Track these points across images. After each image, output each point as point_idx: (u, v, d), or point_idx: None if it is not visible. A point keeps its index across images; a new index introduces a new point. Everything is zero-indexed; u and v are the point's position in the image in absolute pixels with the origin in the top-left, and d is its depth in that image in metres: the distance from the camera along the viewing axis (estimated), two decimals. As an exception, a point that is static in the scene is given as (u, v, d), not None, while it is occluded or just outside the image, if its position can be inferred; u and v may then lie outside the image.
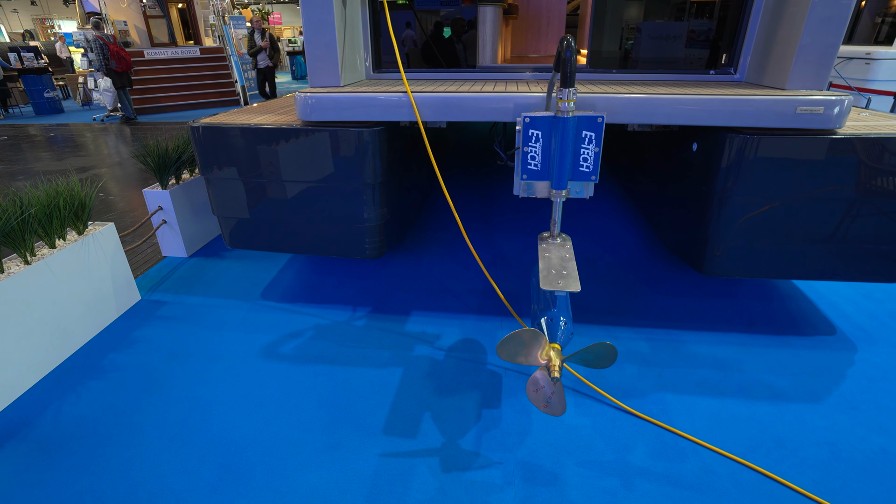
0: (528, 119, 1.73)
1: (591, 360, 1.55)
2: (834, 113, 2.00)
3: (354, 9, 2.61)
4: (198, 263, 3.45)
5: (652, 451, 1.84)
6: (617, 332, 2.57)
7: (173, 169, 3.38)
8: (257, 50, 9.26)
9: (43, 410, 2.10)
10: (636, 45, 2.79)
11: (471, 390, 2.17)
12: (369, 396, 2.14)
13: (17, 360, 2.18)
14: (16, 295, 2.17)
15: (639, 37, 2.77)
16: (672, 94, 2.07)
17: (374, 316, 2.76)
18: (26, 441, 1.94)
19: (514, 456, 1.82)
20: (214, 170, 2.55)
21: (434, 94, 2.17)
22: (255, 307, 2.88)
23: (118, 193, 5.15)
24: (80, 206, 2.57)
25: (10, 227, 2.19)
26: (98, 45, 8.68)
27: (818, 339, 2.51)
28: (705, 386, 2.18)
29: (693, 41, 2.75)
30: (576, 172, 1.81)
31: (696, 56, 2.68)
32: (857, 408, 2.06)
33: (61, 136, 8.51)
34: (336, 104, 2.28)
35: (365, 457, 1.83)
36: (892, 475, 1.74)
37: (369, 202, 2.49)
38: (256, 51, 9.30)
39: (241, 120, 2.51)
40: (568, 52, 1.59)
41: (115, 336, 2.62)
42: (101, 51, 8.71)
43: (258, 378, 2.27)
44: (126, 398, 2.16)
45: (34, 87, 11.02)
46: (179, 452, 1.87)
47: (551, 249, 1.86)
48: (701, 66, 2.67)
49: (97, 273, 2.64)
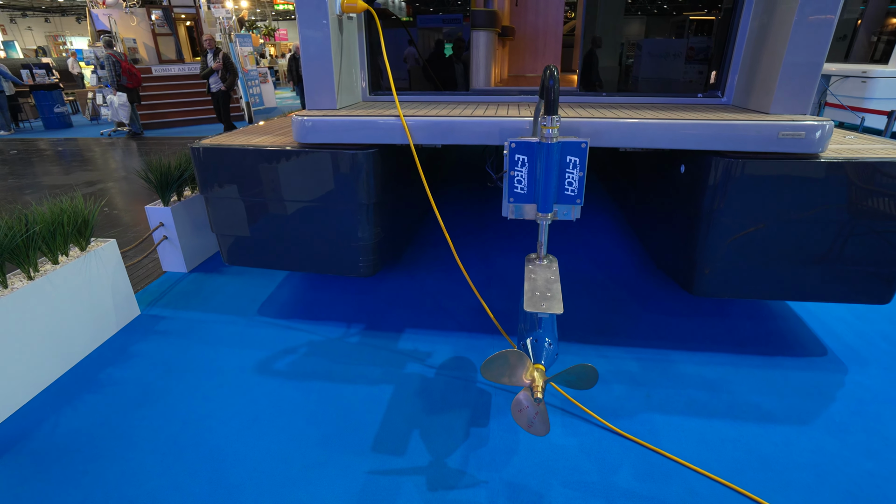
0: (513, 144, 1.79)
1: (574, 381, 1.58)
2: (816, 137, 2.05)
3: (351, 33, 2.70)
4: (197, 279, 3.51)
5: (637, 473, 1.85)
6: (606, 350, 2.59)
7: (175, 186, 3.46)
8: (208, 72, 8.29)
9: (40, 423, 2.13)
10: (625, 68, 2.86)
11: (460, 408, 2.19)
12: (360, 413, 2.17)
13: (17, 374, 2.23)
14: (18, 310, 2.22)
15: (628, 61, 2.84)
16: (656, 119, 2.13)
17: (367, 333, 2.80)
18: (23, 454, 1.97)
19: (500, 475, 1.84)
20: (213, 189, 2.62)
21: (425, 118, 2.24)
22: (252, 323, 2.92)
23: (123, 208, 5.24)
24: (83, 223, 2.64)
25: (15, 244, 2.25)
26: (110, 63, 8.92)
27: (808, 360, 2.52)
28: (693, 407, 2.20)
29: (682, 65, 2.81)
30: (561, 196, 1.86)
31: (686, 79, 2.74)
32: (845, 430, 2.07)
33: (69, 151, 8.67)
34: (331, 127, 2.35)
35: (353, 474, 1.85)
36: (878, 499, 1.75)
37: (363, 222, 2.54)
38: (207, 73, 8.33)
39: (239, 141, 2.58)
40: (551, 80, 1.65)
41: (113, 350, 2.66)
42: (113, 68, 8.95)
43: (252, 394, 2.31)
44: (122, 412, 2.20)
45: (44, 103, 11.26)
46: (172, 467, 1.90)
47: (537, 271, 1.90)
48: (690, 89, 2.73)
49: (98, 288, 2.70)
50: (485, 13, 3.07)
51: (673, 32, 2.83)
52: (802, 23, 2.11)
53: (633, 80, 2.78)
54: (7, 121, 10.81)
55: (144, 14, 11.97)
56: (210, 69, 8.22)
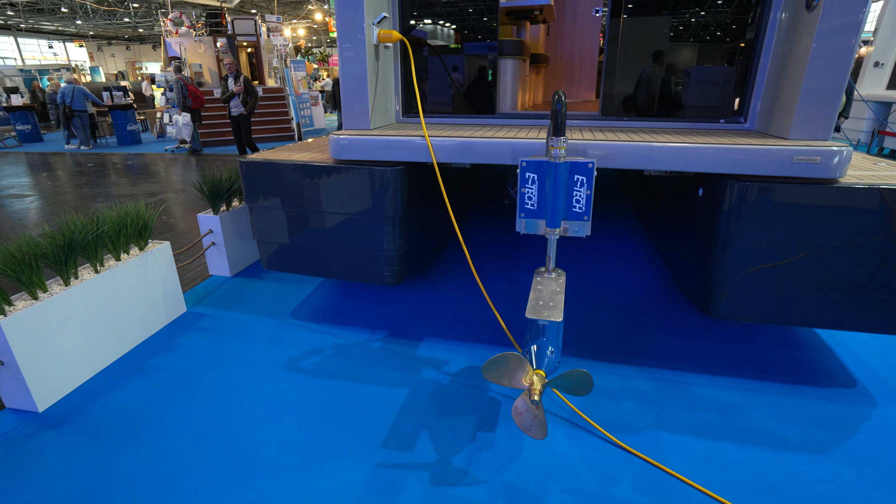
0: (524, 163, 1.92)
1: (570, 386, 1.65)
2: (833, 163, 2.06)
3: (388, 60, 2.94)
4: (239, 283, 3.79)
5: (638, 486, 1.87)
6: (620, 369, 2.61)
7: (224, 197, 3.79)
8: (229, 96, 7.94)
9: (95, 400, 2.40)
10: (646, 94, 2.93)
11: (470, 414, 2.28)
12: (375, 412, 2.30)
13: (80, 355, 2.52)
14: (85, 298, 2.52)
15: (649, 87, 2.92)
16: (666, 142, 2.20)
17: (389, 339, 2.95)
18: (79, 424, 2.22)
19: (501, 477, 1.91)
20: (256, 199, 2.88)
21: (447, 139, 2.41)
22: (284, 324, 3.14)
23: (179, 217, 5.71)
24: (143, 226, 2.96)
25: (87, 241, 2.57)
26: (179, 86, 9.80)
27: (834, 391, 2.45)
28: (704, 428, 2.19)
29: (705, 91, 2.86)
30: (569, 213, 1.96)
31: (706, 104, 2.79)
32: (865, 463, 2.00)
33: (137, 164, 9.50)
34: (363, 145, 2.56)
35: (362, 466, 1.97)
36: (892, 533, 1.69)
37: (389, 233, 2.72)
38: (228, 97, 7.97)
39: (281, 157, 2.84)
40: (558, 105, 1.78)
41: (160, 342, 2.94)
42: (181, 90, 9.83)
43: (278, 388, 2.49)
44: (162, 396, 2.43)
45: (119, 121, 12.42)
46: (202, 445, 2.09)
47: (544, 283, 1.99)
48: (711, 114, 2.78)
49: (152, 285, 3.00)
50: (512, 43, 3.26)
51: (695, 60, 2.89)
52: (821, 48, 2.14)
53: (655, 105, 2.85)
54: (87, 137, 11.97)
55: (211, 42, 13.05)
56: (231, 93, 7.92)
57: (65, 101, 11.37)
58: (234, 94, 7.93)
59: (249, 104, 7.91)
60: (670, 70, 2.80)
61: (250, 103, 7.91)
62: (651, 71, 2.83)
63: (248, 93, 7.87)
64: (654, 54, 2.77)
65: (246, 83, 7.85)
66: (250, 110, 7.99)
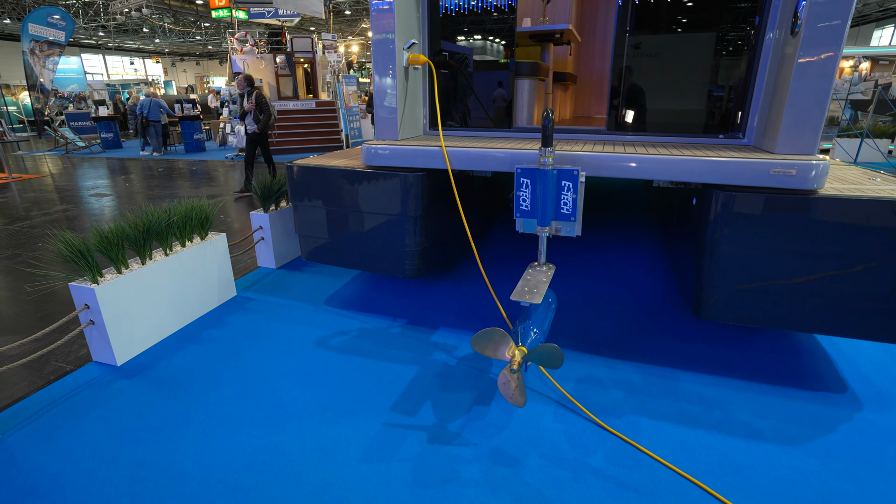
0: (519, 170, 2.23)
1: (545, 358, 1.93)
2: (810, 175, 2.23)
3: (416, 80, 3.34)
4: (282, 274, 4.28)
5: (609, 458, 2.11)
6: (615, 363, 2.83)
7: (273, 197, 4.30)
8: (243, 114, 7.60)
9: (160, 360, 2.89)
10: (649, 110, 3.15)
11: (469, 390, 2.58)
12: (387, 383, 2.65)
13: (150, 324, 3.03)
14: (156, 276, 3.04)
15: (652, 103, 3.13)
16: (654, 154, 2.44)
17: (407, 326, 3.30)
18: (148, 377, 2.71)
19: (489, 442, 2.19)
20: (299, 198, 3.34)
21: (459, 149, 2.75)
22: (318, 310, 3.56)
23: (234, 217, 6.37)
24: (205, 219, 3.49)
25: (160, 228, 3.10)
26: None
27: (822, 395, 2.56)
28: (682, 417, 2.38)
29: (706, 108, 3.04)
30: (558, 214, 2.24)
31: (706, 121, 2.98)
32: (833, 457, 2.13)
33: (200, 170, 10.46)
34: (390, 154, 2.95)
35: (370, 423, 2.32)
36: (844, 516, 1.83)
37: (411, 231, 3.08)
38: (242, 114, 7.65)
39: (321, 162, 3.29)
40: (546, 120, 2.08)
41: (213, 318, 3.43)
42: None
43: (308, 359, 2.89)
44: (214, 360, 2.89)
45: (187, 130, 13.66)
46: (244, 400, 2.51)
47: (533, 274, 2.28)
48: (711, 130, 2.97)
49: (210, 270, 3.50)
50: (527, 64, 3.57)
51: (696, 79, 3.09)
52: (803, 70, 2.31)
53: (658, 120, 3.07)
54: (160, 144, 13.25)
55: (271, 58, 14.13)
56: (244, 110, 7.53)
57: (143, 112, 12.68)
58: (247, 112, 7.42)
59: (262, 121, 7.33)
60: (672, 87, 3.02)
61: (262, 120, 7.33)
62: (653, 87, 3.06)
63: (259, 109, 7.33)
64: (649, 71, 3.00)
65: (258, 99, 7.31)
66: (262, 127, 7.36)
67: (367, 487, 1.96)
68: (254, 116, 7.33)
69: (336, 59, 14.80)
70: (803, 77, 2.32)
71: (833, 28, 2.23)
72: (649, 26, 2.95)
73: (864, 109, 11.91)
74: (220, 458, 2.12)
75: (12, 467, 2.09)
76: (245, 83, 7.38)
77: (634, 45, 2.99)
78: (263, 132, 7.51)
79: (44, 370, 2.81)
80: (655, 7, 2.90)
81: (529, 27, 3.93)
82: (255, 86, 7.47)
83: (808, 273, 2.35)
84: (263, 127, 7.40)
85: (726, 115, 2.92)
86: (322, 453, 2.14)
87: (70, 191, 8.44)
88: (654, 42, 2.98)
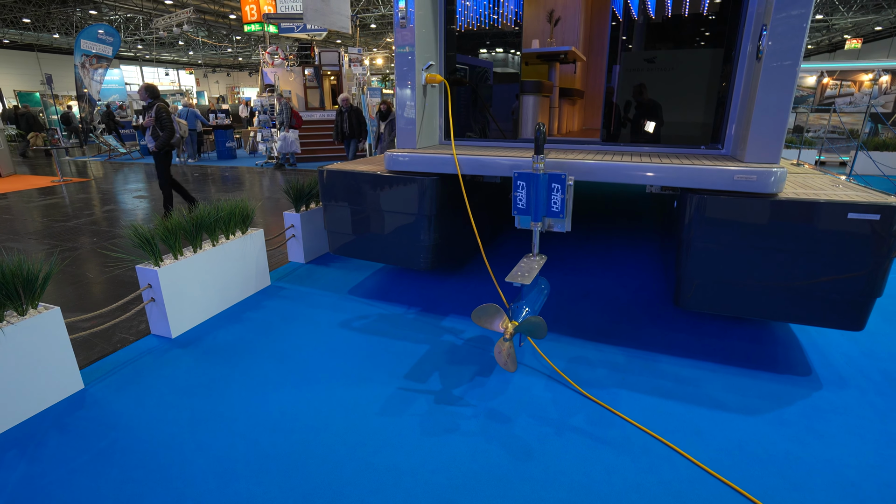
0: (516, 174, 2.63)
1: (531, 329, 2.31)
2: (770, 181, 2.57)
3: (433, 96, 3.78)
4: (311, 267, 4.75)
5: (589, 419, 2.46)
6: (603, 347, 3.18)
7: (304, 199, 4.79)
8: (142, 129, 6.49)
9: (207, 334, 3.36)
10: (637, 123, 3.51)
11: (473, 365, 2.97)
12: (401, 357, 3.06)
13: (200, 304, 3.51)
14: (204, 264, 3.53)
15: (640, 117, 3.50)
16: (635, 162, 2.81)
17: (421, 313, 3.71)
18: (198, 348, 3.18)
19: (486, 404, 2.58)
20: (328, 198, 3.80)
21: (466, 156, 3.17)
22: (343, 298, 4.00)
23: (261, 218, 6.91)
24: (246, 216, 3.98)
25: (209, 222, 3.60)
26: (287, 108, 11.61)
27: (787, 377, 2.86)
28: (657, 391, 2.72)
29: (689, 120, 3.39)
30: (549, 212, 2.63)
31: (689, 133, 3.33)
32: (787, 425, 2.44)
33: (231, 176, 11.15)
34: (409, 160, 3.39)
35: (386, 387, 2.73)
36: (784, 470, 2.14)
37: (425, 228, 3.51)
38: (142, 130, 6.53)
39: (349, 167, 3.75)
40: (538, 133, 2.49)
41: (251, 302, 3.91)
42: (288, 112, 11.66)
43: (333, 337, 3.32)
44: (252, 336, 3.35)
45: (220, 139, 14.47)
46: (279, 367, 2.95)
47: (528, 262, 2.67)
48: (693, 141, 3.32)
49: (249, 260, 3.99)
50: (532, 83, 3.99)
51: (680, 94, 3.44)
52: (765, 90, 2.66)
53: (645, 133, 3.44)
54: (194, 151, 14.07)
55: (300, 71, 14.89)
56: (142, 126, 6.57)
57: (180, 121, 13.53)
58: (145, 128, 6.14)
59: (161, 139, 5.96)
60: (660, 102, 3.39)
61: (162, 138, 5.96)
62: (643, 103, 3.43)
63: (161, 126, 5.93)
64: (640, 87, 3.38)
65: (158, 114, 5.91)
66: (160, 146, 6.03)
67: (383, 434, 2.36)
68: (153, 133, 5.98)
69: (361, 72, 15.49)
70: (765, 97, 2.67)
71: (789, 52, 2.58)
72: (638, 47, 3.33)
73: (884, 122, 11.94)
74: (261, 409, 2.56)
75: (97, 408, 2.57)
76: (146, 94, 5.98)
77: (625, 65, 3.37)
78: (160, 152, 6.15)
79: (112, 339, 3.31)
80: (643, 29, 3.28)
81: (536, 49, 4.35)
82: (158, 98, 6.08)
83: (771, 267, 2.68)
84: (162, 146, 6.02)
85: (707, 128, 3.27)
86: (346, 408, 2.56)
87: (115, 193, 9.16)
88: (642, 61, 3.36)
